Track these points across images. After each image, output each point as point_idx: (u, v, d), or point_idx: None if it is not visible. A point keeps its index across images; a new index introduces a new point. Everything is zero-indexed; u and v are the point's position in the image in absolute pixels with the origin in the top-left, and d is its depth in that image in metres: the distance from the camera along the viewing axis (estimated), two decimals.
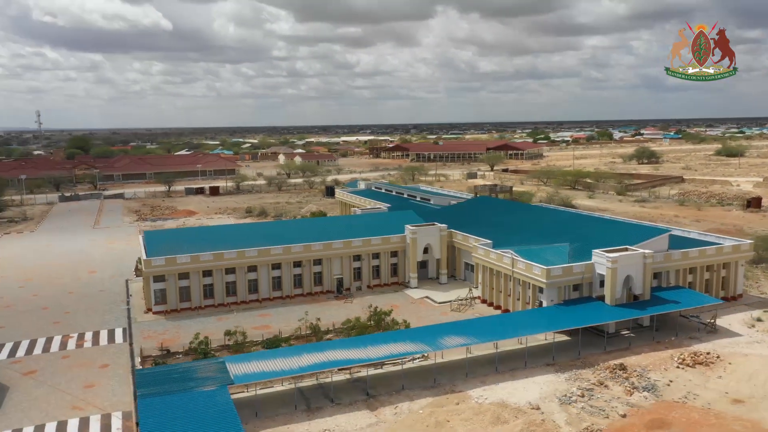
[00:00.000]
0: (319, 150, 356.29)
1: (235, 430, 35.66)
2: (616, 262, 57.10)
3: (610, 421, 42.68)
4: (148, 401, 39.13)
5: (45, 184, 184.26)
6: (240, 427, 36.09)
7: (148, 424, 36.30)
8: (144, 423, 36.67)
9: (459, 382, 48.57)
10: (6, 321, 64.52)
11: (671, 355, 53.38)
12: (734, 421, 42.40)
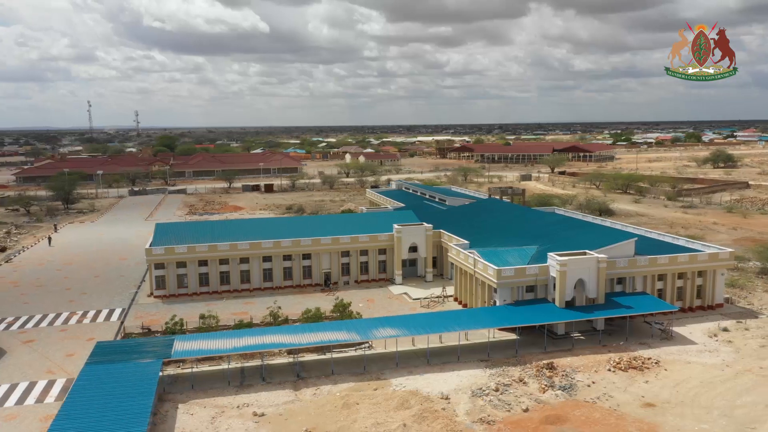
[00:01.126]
0: (388, 150, 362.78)
1: (147, 395, 41.29)
2: (565, 266, 58.50)
3: (510, 414, 45.03)
4: (90, 368, 45.76)
5: (122, 179, 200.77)
6: (151, 395, 41.67)
7: (79, 386, 42.81)
8: (77, 385, 43.23)
9: (388, 371, 52.16)
10: (32, 298, 74.19)
11: (610, 358, 54.33)
12: (633, 423, 43.58)
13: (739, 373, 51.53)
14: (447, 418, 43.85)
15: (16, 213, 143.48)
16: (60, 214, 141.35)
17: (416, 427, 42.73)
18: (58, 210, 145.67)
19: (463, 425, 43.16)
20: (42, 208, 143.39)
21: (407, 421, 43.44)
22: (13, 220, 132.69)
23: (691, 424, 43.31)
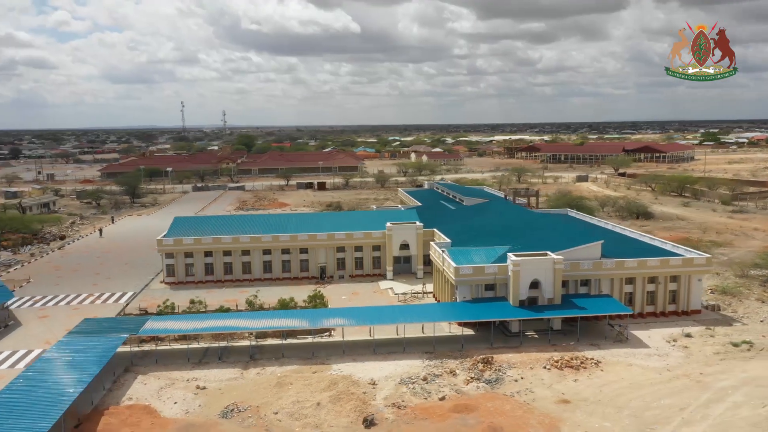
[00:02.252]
0: (459, 149, 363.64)
1: (97, 365, 47.85)
2: (518, 266, 60.39)
3: (425, 401, 48.17)
4: (66, 338, 53.20)
5: (191, 176, 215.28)
6: (101, 364, 48.16)
7: (47, 354, 50.28)
8: (47, 353, 50.76)
9: (334, 357, 56.42)
10: (64, 280, 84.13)
11: (551, 357, 55.84)
12: (537, 417, 45.57)
13: (674, 377, 51.80)
14: (361, 401, 47.66)
15: (89, 205, 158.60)
16: (125, 207, 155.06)
17: (329, 406, 46.90)
18: (125, 203, 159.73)
19: (374, 407, 46.83)
20: (111, 201, 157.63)
21: (323, 401, 47.70)
22: (82, 212, 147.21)
23: (593, 421, 44.80)
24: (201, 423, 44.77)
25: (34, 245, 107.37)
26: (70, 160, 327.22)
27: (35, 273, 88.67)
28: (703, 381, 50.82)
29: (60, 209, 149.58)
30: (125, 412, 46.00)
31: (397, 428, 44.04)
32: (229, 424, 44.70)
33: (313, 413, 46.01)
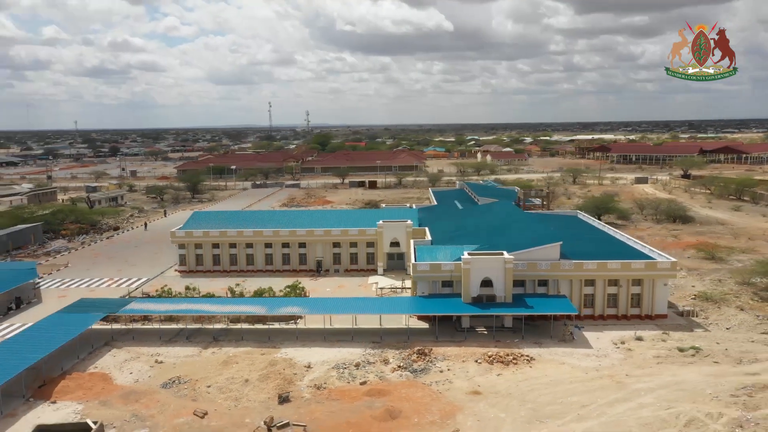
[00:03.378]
0: (530, 149, 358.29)
1: (67, 336, 55.49)
2: (469, 263, 62.94)
3: (347, 385, 52.25)
4: (56, 314, 61.67)
5: (256, 173, 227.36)
6: (70, 336, 55.71)
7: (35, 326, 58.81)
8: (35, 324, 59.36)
9: (287, 342, 61.47)
10: (96, 266, 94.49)
11: (487, 351, 58.07)
12: (441, 403, 48.48)
13: (597, 377, 52.85)
14: (286, 380, 52.47)
15: (154, 200, 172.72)
16: (184, 202, 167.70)
17: (255, 383, 52.07)
18: (185, 198, 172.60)
19: (295, 387, 51.52)
20: (172, 196, 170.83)
21: (253, 378, 52.95)
22: (144, 206, 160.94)
23: (491, 411, 47.22)
24: (142, 391, 51.24)
25: (89, 235, 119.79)
26: (158, 157, 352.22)
27: (76, 259, 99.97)
28: (624, 382, 51.60)
29: (126, 203, 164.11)
30: (84, 378, 53.36)
31: (306, 406, 48.51)
32: (165, 393, 50.88)
33: (239, 389, 51.35)
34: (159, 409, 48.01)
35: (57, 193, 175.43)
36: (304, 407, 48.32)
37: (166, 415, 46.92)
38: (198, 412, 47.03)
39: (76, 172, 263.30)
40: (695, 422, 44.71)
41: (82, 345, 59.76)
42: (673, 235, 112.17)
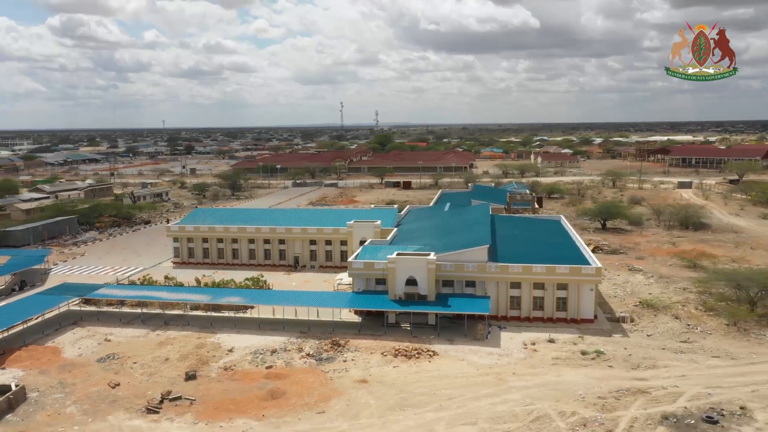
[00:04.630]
0: (592, 150, 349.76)
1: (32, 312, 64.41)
2: (394, 263, 66.99)
3: (254, 368, 57.85)
4: (33, 294, 71.06)
5: (303, 173, 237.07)
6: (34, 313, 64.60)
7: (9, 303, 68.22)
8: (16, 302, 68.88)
9: (225, 329, 67.75)
10: (107, 255, 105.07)
11: (397, 346, 61.87)
12: (325, 389, 53.12)
13: (485, 374, 55.70)
14: (201, 361, 58.83)
15: (198, 196, 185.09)
16: (223, 199, 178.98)
17: (174, 362, 58.73)
18: (225, 196, 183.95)
19: (207, 368, 57.75)
20: (212, 193, 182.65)
21: (173, 357, 59.69)
22: (184, 202, 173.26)
23: (364, 398, 51.40)
24: (79, 363, 59.09)
25: (120, 228, 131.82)
26: (225, 156, 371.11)
27: (95, 249, 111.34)
28: (505, 380, 54.32)
29: (169, 199, 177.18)
30: (38, 350, 61.95)
31: (206, 384, 54.62)
32: (96, 366, 58.47)
33: (157, 366, 58.19)
34: (83, 379, 55.58)
35: (113, 188, 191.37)
36: (204, 385, 54.43)
37: (85, 385, 54.39)
38: (111, 383, 54.18)
39: (144, 169, 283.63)
40: (543, 418, 47.16)
41: (50, 323, 68.82)
42: (671, 242, 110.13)
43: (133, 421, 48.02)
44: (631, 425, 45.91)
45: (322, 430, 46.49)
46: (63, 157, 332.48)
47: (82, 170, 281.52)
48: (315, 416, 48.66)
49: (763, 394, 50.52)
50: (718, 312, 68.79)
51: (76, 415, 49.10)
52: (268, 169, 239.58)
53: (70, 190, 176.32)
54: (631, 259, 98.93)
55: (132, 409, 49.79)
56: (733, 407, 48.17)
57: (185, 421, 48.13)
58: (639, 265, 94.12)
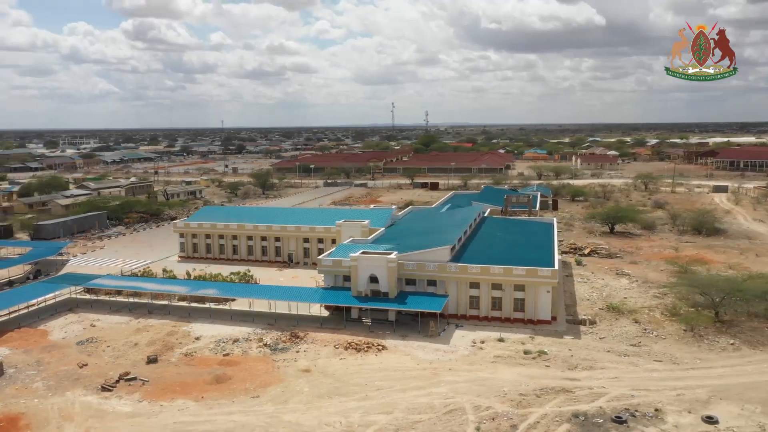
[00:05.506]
0: (639, 152, 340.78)
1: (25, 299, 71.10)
2: (357, 261, 70.21)
3: (212, 354, 62.39)
4: (40, 283, 78.11)
5: (338, 173, 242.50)
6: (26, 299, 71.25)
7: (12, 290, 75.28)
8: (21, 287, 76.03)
9: (200, 319, 72.65)
10: (124, 249, 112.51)
11: (351, 340, 65.06)
12: (269, 376, 57.13)
13: (422, 369, 58.12)
14: (166, 347, 63.78)
15: (230, 195, 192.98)
16: (252, 198, 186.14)
17: (141, 347, 63.92)
18: (255, 194, 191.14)
19: (170, 353, 62.64)
20: (243, 192, 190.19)
21: (142, 343, 64.91)
22: (214, 200, 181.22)
23: (300, 386, 54.86)
24: (60, 345, 65.15)
25: (148, 223, 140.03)
26: (272, 156, 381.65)
27: (116, 243, 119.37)
28: (439, 375, 56.71)
29: (203, 197, 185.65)
30: (29, 332, 68.51)
31: (164, 368, 59.43)
32: (74, 348, 64.30)
33: (126, 350, 63.53)
34: (58, 359, 61.47)
35: (153, 186, 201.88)
36: (162, 368, 59.28)
37: (58, 364, 60.19)
38: (80, 364, 59.79)
39: (191, 168, 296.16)
40: (457, 411, 49.50)
41: (49, 309, 75.58)
42: (674, 248, 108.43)
43: (87, 397, 53.21)
44: (538, 421, 47.68)
45: (249, 412, 50.31)
46: (119, 156, 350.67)
47: (134, 168, 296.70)
48: (248, 400, 52.55)
49: (686, 398, 51.15)
50: (680, 318, 68.61)
51: (40, 389, 54.74)
52: (304, 168, 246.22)
53: (113, 187, 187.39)
54: (625, 263, 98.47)
55: (90, 387, 55.07)
56: (649, 409, 49.15)
57: (132, 399, 52.95)
58: (629, 269, 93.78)
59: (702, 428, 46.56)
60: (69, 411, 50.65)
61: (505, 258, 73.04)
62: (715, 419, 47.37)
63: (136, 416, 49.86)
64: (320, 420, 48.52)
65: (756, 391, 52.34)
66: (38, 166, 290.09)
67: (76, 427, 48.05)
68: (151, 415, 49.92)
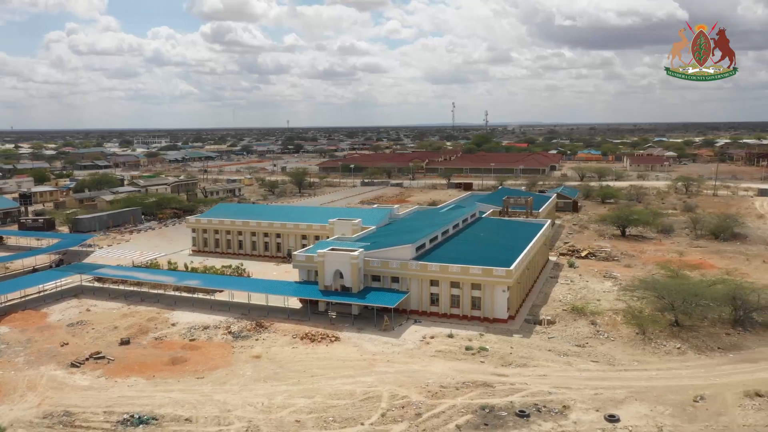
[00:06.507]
0: (701, 153, 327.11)
1: (31, 285, 79.20)
2: (323, 257, 74.19)
3: (180, 339, 67.89)
4: (51, 271, 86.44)
5: (380, 172, 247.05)
6: (30, 285, 79.32)
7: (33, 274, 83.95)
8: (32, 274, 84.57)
9: (184, 308, 78.45)
10: (148, 242, 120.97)
11: (310, 330, 69.13)
12: (222, 360, 62.02)
13: (363, 359, 61.25)
14: (140, 331, 69.90)
15: (268, 193, 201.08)
16: (287, 196, 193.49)
17: (120, 330, 70.24)
18: (292, 192, 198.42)
19: (143, 336, 68.67)
20: (279, 190, 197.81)
21: (121, 326, 71.31)
22: (251, 197, 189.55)
23: (245, 369, 59.24)
24: (53, 326, 72.48)
25: (180, 219, 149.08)
26: (326, 155, 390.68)
27: (142, 236, 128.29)
28: (375, 365, 59.85)
29: (242, 195, 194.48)
30: (31, 314, 76.38)
31: (133, 349, 65.41)
32: (64, 329, 71.37)
33: (106, 332, 70.05)
34: (46, 337, 68.69)
35: (198, 184, 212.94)
36: (131, 350, 65.30)
37: (44, 342, 67.30)
38: (62, 343, 66.68)
39: (244, 167, 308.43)
40: (373, 398, 52.68)
41: (58, 294, 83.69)
42: (680, 252, 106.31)
43: (56, 372, 59.71)
44: (443, 411, 50.24)
45: (187, 390, 55.24)
46: (181, 155, 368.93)
47: (191, 167, 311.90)
48: (193, 380, 57.54)
49: (602, 398, 52.26)
50: (633, 321, 68.66)
51: (20, 364, 61.76)
52: (346, 168, 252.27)
53: (160, 185, 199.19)
54: (620, 266, 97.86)
55: (62, 363, 61.62)
56: (557, 406, 50.69)
57: (93, 375, 59.02)
58: (620, 272, 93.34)
59: (601, 425, 47.79)
60: (36, 382, 57.18)
61: (473, 257, 74.95)
62: (616, 418, 48.44)
63: (89, 389, 55.79)
64: (246, 400, 52.80)
65: (677, 395, 52.73)
66: (105, 165, 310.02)
67: (35, 396, 54.40)
68: (102, 389, 55.70)
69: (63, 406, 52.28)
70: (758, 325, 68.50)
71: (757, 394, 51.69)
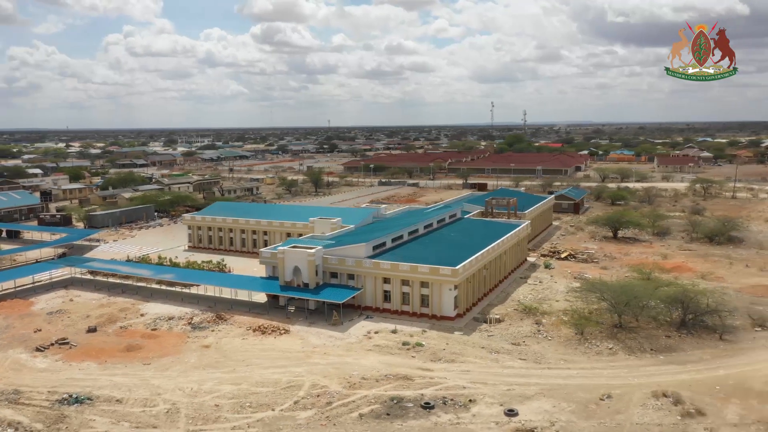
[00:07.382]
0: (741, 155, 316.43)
1: (23, 275, 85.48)
2: (283, 254, 77.77)
3: (143, 328, 72.59)
4: (40, 262, 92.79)
5: (401, 172, 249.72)
6: (22, 275, 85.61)
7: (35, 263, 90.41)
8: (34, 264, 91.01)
9: (159, 299, 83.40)
10: (151, 237, 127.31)
11: (263, 323, 72.73)
12: (172, 347, 66.34)
13: (302, 351, 64.50)
14: (109, 320, 74.90)
15: (285, 192, 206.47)
16: (303, 194, 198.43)
17: (91, 319, 75.38)
18: (308, 192, 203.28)
19: (111, 325, 73.65)
20: (295, 189, 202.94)
21: (93, 315, 76.55)
22: (266, 196, 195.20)
23: (188, 357, 63.36)
24: (34, 314, 78.32)
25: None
26: (357, 155, 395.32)
27: (148, 232, 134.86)
28: (310, 357, 63.02)
29: (259, 193, 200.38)
30: (18, 303, 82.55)
31: (98, 336, 70.38)
32: (42, 317, 77.09)
33: (78, 320, 75.37)
34: (25, 324, 74.45)
35: (220, 183, 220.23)
36: (96, 337, 70.33)
37: (21, 328, 73.05)
38: (35, 329, 72.31)
39: (273, 167, 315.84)
40: (294, 387, 55.89)
41: (49, 285, 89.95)
42: (662, 255, 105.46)
43: (21, 355, 65.13)
44: (353, 401, 53.00)
45: (130, 375, 59.62)
46: (217, 154, 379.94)
47: (222, 166, 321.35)
48: (139, 365, 61.96)
49: (513, 393, 54.07)
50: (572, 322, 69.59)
51: None
52: (367, 168, 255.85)
53: (183, 183, 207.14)
54: (596, 268, 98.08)
55: (28, 347, 67.06)
56: (464, 399, 52.75)
57: (53, 359, 64.15)
58: (593, 273, 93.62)
59: (497, 419, 49.67)
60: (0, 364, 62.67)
61: (428, 257, 77.08)
62: (515, 412, 50.24)
63: (44, 371, 60.84)
64: (177, 385, 56.76)
65: (587, 393, 53.98)
66: (143, 163, 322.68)
67: None
68: (55, 372, 60.67)
69: (15, 385, 57.30)
70: (703, 328, 68.44)
71: (664, 395, 52.48)
